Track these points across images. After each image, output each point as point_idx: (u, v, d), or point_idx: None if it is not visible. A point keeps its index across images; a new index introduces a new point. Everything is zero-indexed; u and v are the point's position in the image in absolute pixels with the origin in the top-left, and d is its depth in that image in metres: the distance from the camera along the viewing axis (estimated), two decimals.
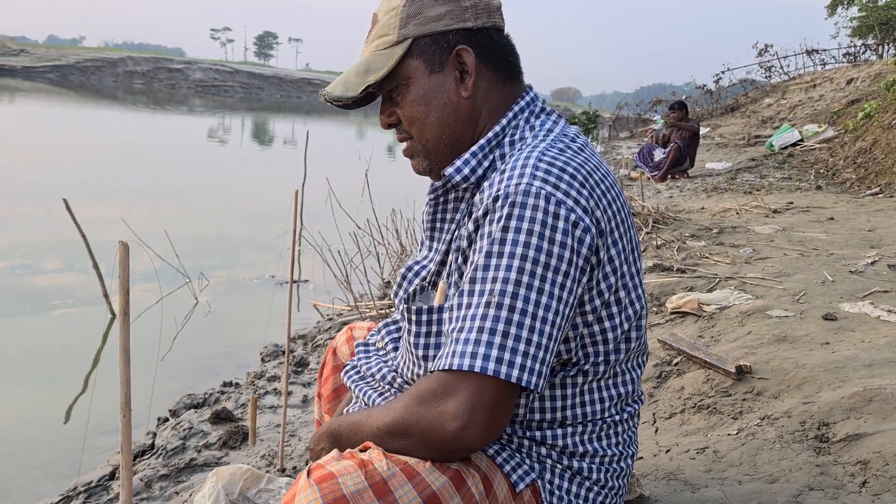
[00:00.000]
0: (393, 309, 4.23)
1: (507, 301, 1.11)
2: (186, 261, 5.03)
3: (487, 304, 1.12)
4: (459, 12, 1.27)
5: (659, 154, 10.45)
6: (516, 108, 1.32)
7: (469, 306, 1.14)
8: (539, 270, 1.11)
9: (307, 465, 2.38)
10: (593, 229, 1.16)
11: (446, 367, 1.12)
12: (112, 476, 2.53)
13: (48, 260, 5.89)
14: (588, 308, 1.23)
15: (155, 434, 2.90)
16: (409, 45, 1.27)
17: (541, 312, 1.11)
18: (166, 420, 3.06)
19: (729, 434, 2.12)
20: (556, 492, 1.30)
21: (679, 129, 10.18)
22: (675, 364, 2.73)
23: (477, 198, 1.21)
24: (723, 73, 21.99)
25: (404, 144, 1.36)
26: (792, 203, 7.06)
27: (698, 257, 4.51)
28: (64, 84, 49.00)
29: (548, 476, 1.30)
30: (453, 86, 1.29)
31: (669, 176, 10.17)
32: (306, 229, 5.44)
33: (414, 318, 1.31)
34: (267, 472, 2.16)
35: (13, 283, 5.19)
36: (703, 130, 13.95)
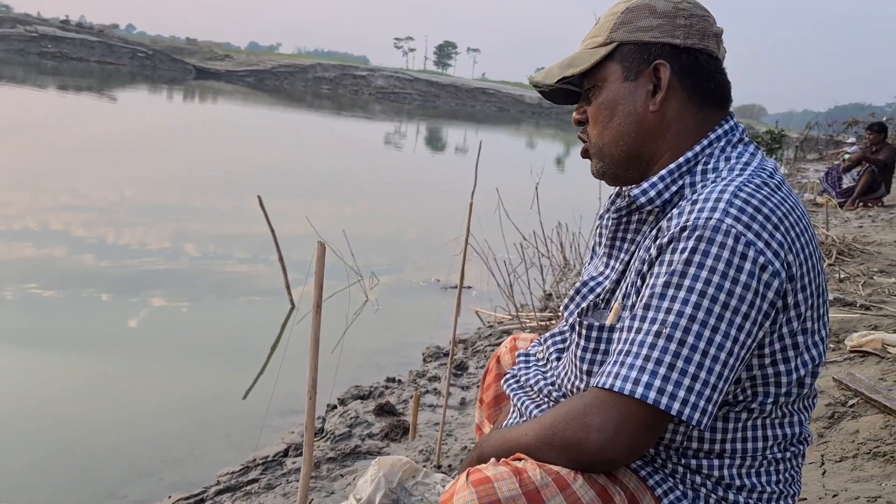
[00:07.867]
0: (553, 322, 4.26)
1: (678, 334, 1.11)
2: (359, 259, 5.32)
3: (658, 334, 1.12)
4: (670, 28, 1.28)
5: (848, 180, 9.70)
6: (712, 136, 1.29)
7: (639, 331, 1.15)
8: (717, 309, 1.10)
9: (461, 464, 2.47)
10: (783, 274, 1.13)
11: (605, 386, 1.14)
12: (286, 453, 2.76)
13: (236, 250, 6.45)
14: (767, 351, 1.20)
15: (324, 419, 3.12)
16: (614, 48, 1.30)
17: (712, 351, 1.10)
18: (335, 407, 3.28)
19: None
20: None
21: (876, 152, 9.41)
22: (851, 406, 2.57)
23: (664, 223, 1.20)
24: None
25: (581, 147, 1.39)
26: None
27: (886, 294, 4.17)
28: (260, 87, 53.05)
29: None
30: (643, 98, 1.29)
31: (861, 203, 9.40)
32: (473, 237, 5.57)
33: (584, 332, 1.32)
34: (424, 466, 2.27)
35: (203, 270, 5.74)
36: None
